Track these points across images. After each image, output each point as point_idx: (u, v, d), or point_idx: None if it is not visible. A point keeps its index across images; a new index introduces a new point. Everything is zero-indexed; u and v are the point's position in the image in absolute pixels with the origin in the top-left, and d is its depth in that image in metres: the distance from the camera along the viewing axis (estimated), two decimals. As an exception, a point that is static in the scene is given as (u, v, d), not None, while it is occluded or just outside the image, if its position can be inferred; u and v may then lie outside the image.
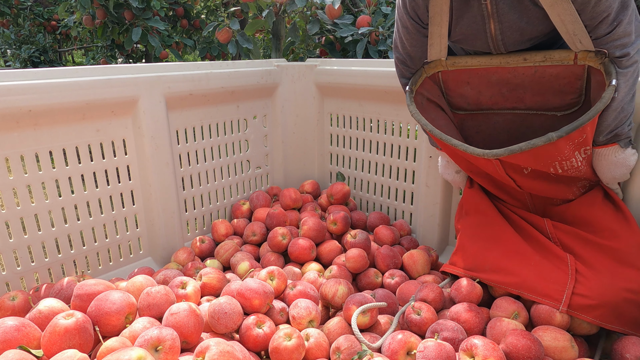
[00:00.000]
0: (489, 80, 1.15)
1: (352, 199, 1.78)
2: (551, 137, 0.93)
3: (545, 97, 1.12)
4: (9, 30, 5.73)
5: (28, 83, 1.12)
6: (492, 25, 1.03)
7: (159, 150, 1.41)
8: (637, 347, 0.94)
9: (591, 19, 0.93)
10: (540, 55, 1.05)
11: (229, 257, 1.44)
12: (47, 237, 1.26)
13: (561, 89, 1.09)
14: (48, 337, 0.85)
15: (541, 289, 1.04)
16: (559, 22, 0.96)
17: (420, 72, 1.20)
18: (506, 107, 1.18)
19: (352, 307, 1.05)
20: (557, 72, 1.06)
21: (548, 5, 0.94)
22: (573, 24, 0.95)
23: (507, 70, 1.11)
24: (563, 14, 0.94)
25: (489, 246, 1.17)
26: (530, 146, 0.94)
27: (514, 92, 1.14)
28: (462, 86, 1.20)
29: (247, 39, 2.51)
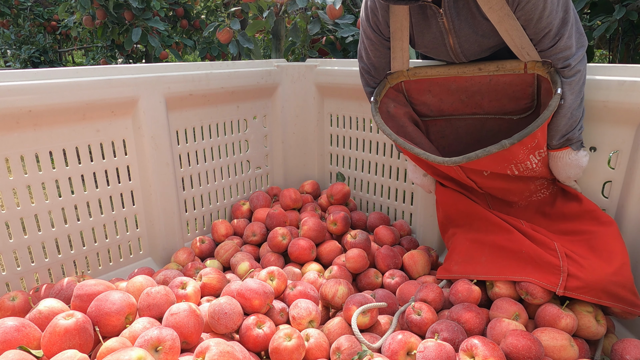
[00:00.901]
0: (449, 89, 1.23)
1: (352, 199, 1.78)
2: (504, 144, 1.02)
3: (501, 103, 1.20)
4: (9, 30, 5.73)
5: (28, 83, 1.12)
6: (451, 40, 1.11)
7: (159, 150, 1.41)
8: (637, 350, 0.94)
9: (535, 34, 1.01)
10: (493, 65, 1.14)
11: (229, 257, 1.44)
12: (47, 238, 1.26)
13: (515, 95, 1.17)
14: (48, 338, 0.85)
15: (537, 273, 1.06)
16: (507, 37, 1.05)
17: (383, 82, 1.26)
18: (466, 113, 1.26)
19: (352, 307, 1.05)
20: (510, 80, 1.15)
21: (496, 22, 1.02)
22: (520, 39, 1.04)
23: (464, 79, 1.20)
24: (510, 29, 1.02)
25: (479, 243, 1.21)
26: (486, 153, 1.03)
27: (472, 98, 1.22)
28: (424, 94, 1.26)
29: (248, 39, 2.51)
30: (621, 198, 1.16)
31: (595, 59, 4.40)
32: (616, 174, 1.16)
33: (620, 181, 1.16)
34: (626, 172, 1.14)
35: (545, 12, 0.97)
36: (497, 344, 0.91)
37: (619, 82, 1.07)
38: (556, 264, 1.05)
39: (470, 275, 1.17)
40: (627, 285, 1.03)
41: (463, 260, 1.21)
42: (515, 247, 1.13)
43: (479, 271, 1.16)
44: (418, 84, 1.25)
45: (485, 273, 1.15)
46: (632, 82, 1.06)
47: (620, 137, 1.13)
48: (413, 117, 1.32)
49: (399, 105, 1.29)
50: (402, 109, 1.29)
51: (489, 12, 1.01)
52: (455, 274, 1.21)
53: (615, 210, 1.18)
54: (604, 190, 1.20)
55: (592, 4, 2.31)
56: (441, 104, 1.27)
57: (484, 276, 1.14)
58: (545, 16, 0.97)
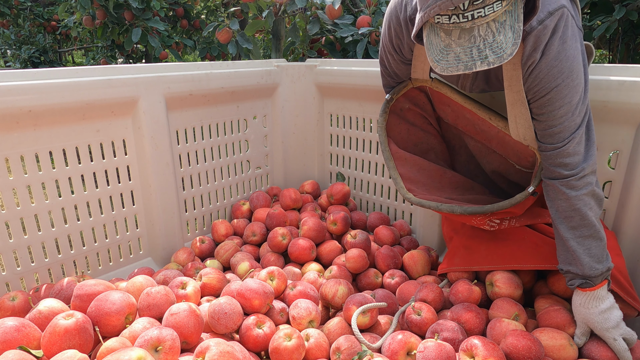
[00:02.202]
0: (464, 115, 1.24)
1: (352, 199, 1.78)
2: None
3: (507, 151, 1.20)
4: (9, 30, 5.73)
5: (28, 83, 1.12)
6: (464, 81, 1.14)
7: (159, 150, 1.41)
8: (637, 349, 0.95)
9: (542, 130, 0.95)
10: (502, 123, 1.13)
11: (229, 257, 1.44)
12: (47, 238, 1.26)
13: (518, 154, 1.17)
14: (48, 338, 0.85)
15: (538, 258, 1.09)
16: (513, 124, 1.03)
17: (406, 82, 1.25)
18: (476, 138, 1.27)
19: (352, 307, 1.05)
20: (515, 142, 1.12)
21: (509, 103, 1.00)
22: (525, 130, 1.01)
23: (477, 117, 1.19)
24: (519, 117, 1.00)
25: (479, 237, 1.23)
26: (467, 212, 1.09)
27: (483, 133, 1.23)
28: (444, 106, 1.27)
29: (247, 39, 2.51)
30: (621, 198, 1.16)
31: (595, 59, 4.40)
32: (616, 174, 1.16)
33: (620, 181, 1.16)
34: (626, 172, 1.14)
35: (561, 110, 0.91)
36: (497, 344, 0.91)
37: (619, 82, 1.07)
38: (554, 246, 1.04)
39: (473, 267, 1.18)
40: (624, 272, 1.04)
41: (463, 252, 1.23)
42: (516, 236, 1.14)
43: (480, 262, 1.18)
44: (440, 95, 1.24)
45: (486, 263, 1.16)
46: (632, 82, 1.06)
47: (620, 137, 1.13)
48: (430, 117, 1.32)
49: (415, 106, 1.29)
50: (418, 110, 1.30)
51: (507, 90, 0.98)
52: (456, 266, 1.22)
53: (615, 210, 1.18)
54: (604, 190, 1.20)
55: (592, 4, 2.31)
56: (457, 121, 1.28)
57: (486, 266, 1.16)
58: (560, 115, 0.91)
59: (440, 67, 0.82)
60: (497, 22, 0.78)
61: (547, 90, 0.90)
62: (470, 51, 0.79)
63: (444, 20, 0.79)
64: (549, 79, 0.89)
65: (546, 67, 0.88)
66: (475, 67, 0.80)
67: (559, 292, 1.11)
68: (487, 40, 0.78)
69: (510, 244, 1.16)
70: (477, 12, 0.76)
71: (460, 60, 0.80)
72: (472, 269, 1.20)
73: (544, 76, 0.89)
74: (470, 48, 0.79)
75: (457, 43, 0.80)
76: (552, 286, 1.13)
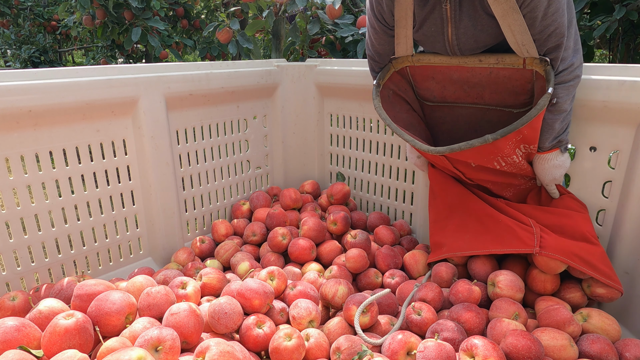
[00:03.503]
0: (451, 78, 1.25)
1: (352, 199, 1.78)
2: (487, 139, 1.04)
3: (501, 96, 1.22)
4: (9, 30, 5.73)
5: (28, 83, 1.12)
6: (450, 30, 1.12)
7: (159, 150, 1.41)
8: (637, 349, 0.95)
9: (540, 32, 1.00)
10: (493, 58, 1.14)
11: (229, 257, 1.44)
12: (47, 237, 1.26)
13: (514, 89, 1.18)
14: (48, 338, 0.85)
15: (514, 242, 1.15)
16: (508, 32, 1.04)
17: (388, 67, 1.29)
18: (468, 102, 1.28)
19: (352, 307, 1.05)
20: (510, 74, 1.15)
21: (500, 16, 1.01)
22: (522, 35, 1.03)
23: (466, 70, 1.21)
24: (513, 24, 1.01)
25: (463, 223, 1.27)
26: (469, 146, 1.06)
27: (474, 89, 1.24)
28: (427, 80, 1.28)
29: (248, 39, 2.51)
30: (621, 198, 1.16)
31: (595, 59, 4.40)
32: (616, 174, 1.16)
33: (620, 181, 1.16)
34: (626, 172, 1.14)
35: (550, 9, 0.96)
36: (497, 344, 0.91)
37: (619, 82, 1.07)
38: (530, 230, 1.14)
39: (457, 253, 1.23)
40: (601, 258, 1.11)
41: (448, 243, 1.27)
42: (494, 220, 1.21)
43: (464, 248, 1.23)
44: (422, 70, 1.26)
45: (470, 249, 1.21)
46: (632, 82, 1.06)
47: (620, 137, 1.13)
48: (412, 102, 1.35)
49: (400, 91, 1.33)
50: (402, 95, 1.33)
51: (494, 4, 1.00)
52: (444, 253, 1.26)
53: (615, 210, 1.18)
54: (604, 190, 1.20)
55: (592, 4, 2.31)
56: (444, 92, 1.29)
57: (469, 252, 1.21)
58: (551, 13, 0.97)
59: None
60: None
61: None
62: None
63: None
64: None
65: None
66: None
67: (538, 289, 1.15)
68: None
69: (492, 230, 1.21)
70: None
71: None
72: (456, 254, 1.24)
73: None
74: None
75: None
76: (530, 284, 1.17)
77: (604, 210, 1.21)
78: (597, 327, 1.01)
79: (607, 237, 1.21)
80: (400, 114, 1.32)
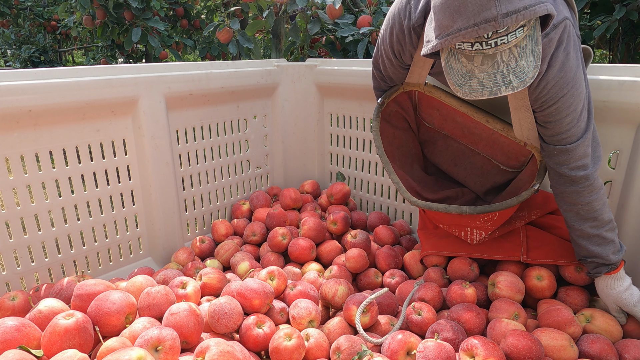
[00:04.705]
0: (454, 118, 1.27)
1: (352, 199, 1.78)
2: (464, 210, 1.11)
3: (494, 152, 1.26)
4: (9, 30, 5.73)
5: (28, 83, 1.12)
6: None
7: (159, 150, 1.41)
8: (636, 350, 0.95)
9: (550, 137, 0.98)
10: (500, 125, 1.18)
11: (229, 257, 1.44)
12: (47, 237, 1.26)
13: (509, 154, 1.22)
14: (48, 337, 0.85)
15: (500, 252, 1.20)
16: (517, 125, 1.06)
17: (397, 87, 1.27)
18: (463, 141, 1.32)
19: (352, 307, 1.05)
20: (509, 143, 1.19)
21: (513, 108, 1.03)
22: (529, 131, 1.05)
23: (470, 120, 1.23)
24: (523, 120, 1.03)
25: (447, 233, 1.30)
26: (445, 210, 1.14)
27: (471, 135, 1.28)
28: (432, 109, 1.31)
29: (248, 38, 2.51)
30: (621, 198, 1.16)
31: (595, 59, 4.40)
32: (616, 174, 1.16)
33: (620, 181, 1.16)
34: (626, 172, 1.14)
35: (567, 119, 0.93)
36: (497, 344, 0.91)
37: (619, 82, 1.07)
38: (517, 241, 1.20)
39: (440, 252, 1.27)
40: None
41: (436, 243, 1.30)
42: None
43: (450, 249, 1.27)
44: (430, 99, 1.27)
45: (455, 250, 1.25)
46: (632, 82, 1.06)
47: (620, 137, 1.13)
48: (411, 122, 1.36)
49: (402, 109, 1.33)
50: (403, 113, 1.34)
51: (511, 96, 1.00)
52: (432, 249, 1.29)
53: (615, 210, 1.18)
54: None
55: (592, 3, 2.31)
56: (444, 124, 1.31)
57: (456, 253, 1.24)
58: (566, 123, 0.94)
59: (462, 92, 0.83)
60: (518, 47, 0.79)
61: (554, 100, 0.92)
62: (494, 77, 0.80)
63: (465, 47, 0.79)
64: (556, 90, 0.90)
65: (553, 79, 0.90)
66: (500, 93, 0.80)
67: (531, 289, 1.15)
68: (510, 65, 0.79)
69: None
70: (500, 40, 0.77)
71: (485, 86, 0.81)
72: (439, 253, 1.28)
73: (551, 87, 0.90)
74: (494, 74, 0.80)
75: (480, 69, 0.81)
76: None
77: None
78: (600, 329, 1.01)
79: (607, 237, 1.21)
80: (397, 132, 1.34)
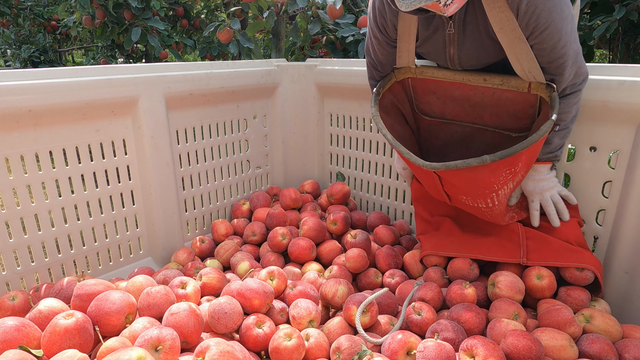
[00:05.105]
0: (453, 95, 1.23)
1: (352, 199, 1.78)
2: (485, 159, 0.97)
3: (501, 119, 1.20)
4: (9, 30, 5.73)
5: (28, 83, 1.12)
6: (452, 50, 1.12)
7: (159, 150, 1.41)
8: (637, 349, 0.95)
9: (549, 62, 1.00)
10: (498, 79, 1.13)
11: (229, 257, 1.44)
12: (47, 237, 1.26)
13: (516, 113, 1.16)
14: (48, 337, 0.85)
15: (501, 252, 1.19)
16: (515, 61, 1.04)
17: (390, 76, 1.27)
18: (467, 121, 1.27)
19: (352, 307, 1.05)
20: (513, 97, 1.14)
21: (506, 45, 1.02)
22: (529, 63, 1.03)
23: (468, 88, 1.19)
24: (520, 53, 1.02)
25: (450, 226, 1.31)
26: (465, 165, 0.98)
27: (474, 109, 1.22)
28: (428, 95, 1.27)
29: (249, 38, 2.51)
30: (621, 198, 1.16)
31: (595, 59, 4.40)
32: (616, 174, 1.16)
33: (620, 181, 1.16)
34: (626, 172, 1.14)
35: (560, 42, 0.96)
36: (497, 344, 0.91)
37: (619, 82, 1.07)
38: (517, 241, 1.18)
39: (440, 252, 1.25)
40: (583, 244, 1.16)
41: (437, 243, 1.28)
42: (483, 230, 1.25)
43: (450, 249, 1.25)
44: (424, 83, 1.25)
45: (455, 251, 1.23)
46: (632, 82, 1.06)
47: (620, 137, 1.13)
48: (408, 116, 1.34)
49: (397, 102, 1.31)
50: (399, 106, 1.32)
51: (500, 32, 0.99)
52: (432, 250, 1.27)
53: (615, 210, 1.18)
54: (604, 190, 1.20)
55: (592, 3, 2.31)
56: (444, 108, 1.27)
57: (456, 254, 1.22)
58: (560, 47, 0.96)
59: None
60: None
61: (546, 24, 0.94)
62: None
63: None
64: (545, 13, 0.93)
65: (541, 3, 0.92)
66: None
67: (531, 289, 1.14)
68: None
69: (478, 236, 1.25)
70: None
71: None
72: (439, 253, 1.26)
73: (540, 12, 0.92)
74: None
75: None
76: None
77: (604, 210, 1.21)
78: (599, 329, 1.01)
79: (607, 237, 1.21)
80: (395, 124, 1.31)
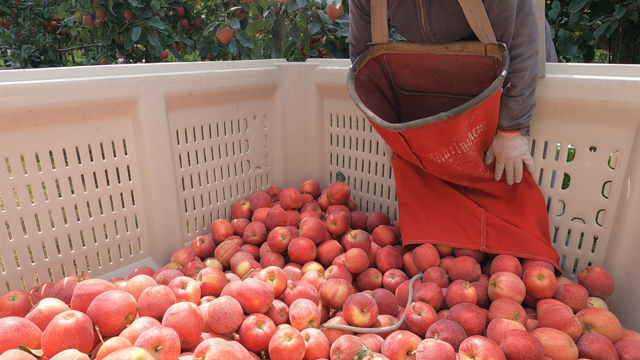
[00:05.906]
0: (423, 66, 1.32)
1: (352, 199, 1.78)
2: (441, 116, 1.08)
3: (468, 85, 1.29)
4: (9, 30, 5.73)
5: (28, 83, 1.12)
6: (422, 16, 1.18)
7: (159, 150, 1.41)
8: (637, 349, 0.95)
9: (497, 16, 1.07)
10: (458, 45, 1.20)
11: (229, 257, 1.44)
12: (47, 237, 1.26)
13: (479, 78, 1.25)
14: (48, 337, 0.85)
15: (464, 238, 1.28)
16: (470, 16, 1.10)
17: (365, 53, 1.36)
18: (439, 91, 1.36)
19: (352, 307, 1.05)
20: (474, 62, 1.22)
21: (462, 1, 1.08)
22: (481, 19, 1.09)
23: (434, 58, 1.28)
24: (474, 8, 1.08)
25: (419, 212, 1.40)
26: (424, 123, 1.09)
27: (443, 78, 1.31)
28: (402, 69, 1.36)
29: (248, 38, 2.51)
30: (621, 198, 1.16)
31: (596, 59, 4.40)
32: (616, 174, 1.16)
33: (620, 181, 1.16)
34: (626, 172, 1.14)
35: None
36: (497, 344, 0.91)
37: (619, 82, 1.07)
38: (477, 226, 1.27)
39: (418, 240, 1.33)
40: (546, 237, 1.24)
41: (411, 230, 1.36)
42: (449, 215, 1.33)
43: (417, 236, 1.33)
44: (397, 58, 1.34)
45: (423, 237, 1.33)
46: (632, 82, 1.06)
47: (620, 137, 1.13)
48: (385, 91, 1.41)
49: (374, 78, 1.39)
50: (376, 82, 1.39)
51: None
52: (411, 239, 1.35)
53: (615, 210, 1.18)
54: (604, 190, 1.20)
55: (592, 4, 2.31)
56: (417, 80, 1.36)
57: (421, 240, 1.30)
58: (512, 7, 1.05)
59: None
60: None
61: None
62: None
63: None
64: None
65: None
66: None
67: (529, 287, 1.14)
68: None
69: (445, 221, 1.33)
70: None
71: None
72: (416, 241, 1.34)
73: None
74: None
75: None
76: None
77: (604, 210, 1.21)
78: (599, 329, 1.01)
79: (607, 237, 1.21)
80: (372, 100, 1.38)
